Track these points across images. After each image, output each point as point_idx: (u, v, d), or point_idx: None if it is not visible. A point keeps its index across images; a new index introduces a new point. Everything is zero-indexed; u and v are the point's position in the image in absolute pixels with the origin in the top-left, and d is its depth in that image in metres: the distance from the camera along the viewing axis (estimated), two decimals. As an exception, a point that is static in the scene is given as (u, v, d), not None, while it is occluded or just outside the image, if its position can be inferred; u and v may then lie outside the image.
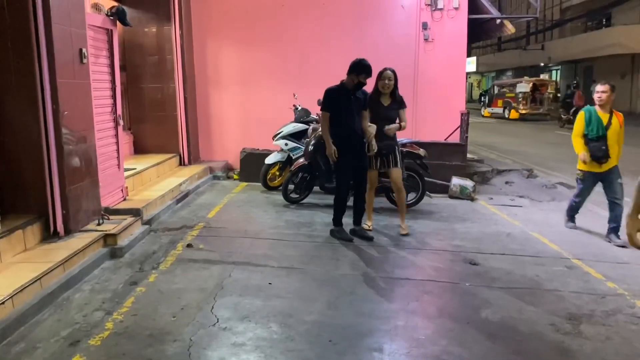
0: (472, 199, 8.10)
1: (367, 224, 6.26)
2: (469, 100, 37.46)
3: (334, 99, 5.81)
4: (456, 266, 5.21)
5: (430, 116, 9.66)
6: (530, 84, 25.95)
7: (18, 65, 4.94)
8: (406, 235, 6.11)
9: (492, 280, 4.81)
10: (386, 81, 5.91)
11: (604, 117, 6.01)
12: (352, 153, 5.85)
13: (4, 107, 5.02)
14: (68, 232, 5.25)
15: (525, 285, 4.70)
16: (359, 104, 5.84)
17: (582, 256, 5.47)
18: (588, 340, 3.68)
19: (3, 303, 3.70)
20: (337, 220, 6.08)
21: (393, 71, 6.02)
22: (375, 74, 5.91)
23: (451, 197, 8.20)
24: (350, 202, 6.13)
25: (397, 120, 6.11)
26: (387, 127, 5.99)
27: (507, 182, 9.26)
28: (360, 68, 5.70)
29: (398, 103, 6.10)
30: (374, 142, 5.97)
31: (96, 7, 7.61)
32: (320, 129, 7.15)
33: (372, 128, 5.87)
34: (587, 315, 4.08)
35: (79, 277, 4.60)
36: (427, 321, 3.98)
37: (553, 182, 9.32)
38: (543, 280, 4.80)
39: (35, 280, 4.12)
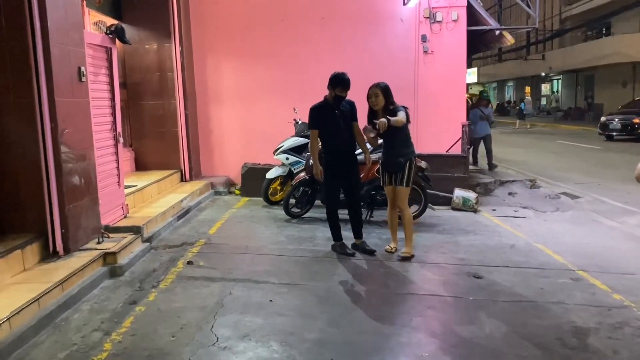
0: (475, 211, 8.04)
1: (390, 245, 5.95)
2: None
3: (318, 115, 5.81)
4: (460, 280, 5.14)
5: (431, 128, 9.63)
6: None
7: (16, 84, 4.95)
8: (406, 259, 5.66)
9: (496, 293, 4.74)
10: (372, 98, 5.63)
11: None
12: (342, 167, 5.83)
13: (3, 126, 5.02)
14: (67, 251, 5.20)
15: (530, 298, 4.62)
16: (345, 117, 5.78)
17: (588, 268, 5.39)
18: (595, 355, 3.61)
19: (0, 325, 3.65)
20: (335, 235, 6.03)
21: (381, 86, 5.59)
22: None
23: (454, 209, 8.15)
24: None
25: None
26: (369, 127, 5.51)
27: (510, 193, 9.19)
28: (335, 81, 5.69)
29: (392, 113, 5.46)
30: (368, 154, 5.98)
31: (98, 25, 7.68)
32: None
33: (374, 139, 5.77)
34: (593, 329, 4.01)
35: (77, 297, 4.55)
36: (430, 337, 3.91)
37: (557, 193, 9.25)
38: (548, 293, 4.73)
39: (34, 301, 4.08)
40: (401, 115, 5.43)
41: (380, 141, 5.91)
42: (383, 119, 5.29)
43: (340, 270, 5.39)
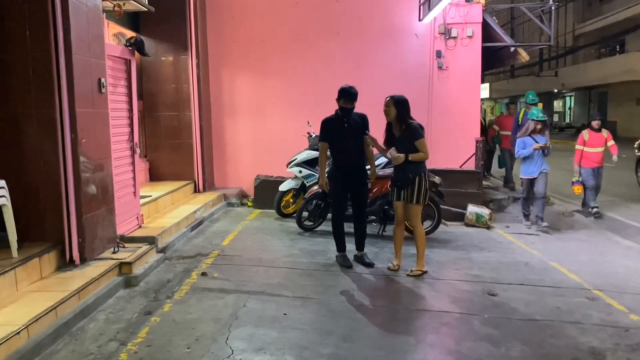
0: (489, 227, 8.00)
1: (393, 262, 5.88)
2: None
3: (328, 127, 5.88)
4: (474, 297, 5.11)
5: (445, 143, 9.62)
6: None
7: (38, 95, 5.04)
8: (417, 275, 5.60)
9: (511, 311, 4.71)
10: (385, 109, 5.63)
11: None
12: (349, 179, 5.88)
13: (24, 136, 5.10)
14: (83, 260, 5.25)
15: (545, 317, 4.59)
16: (354, 130, 5.80)
17: (603, 287, 5.34)
18: (613, 377, 3.57)
19: (18, 333, 3.69)
20: (338, 246, 6.09)
21: (394, 98, 5.56)
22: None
23: (467, 225, 8.12)
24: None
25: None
26: (388, 155, 5.59)
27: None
28: (339, 93, 5.77)
29: (409, 134, 5.52)
30: (374, 169, 6.04)
31: (117, 37, 7.79)
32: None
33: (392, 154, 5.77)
34: (611, 350, 3.97)
35: (93, 307, 4.59)
36: (445, 355, 3.90)
37: (570, 210, 9.19)
38: (564, 312, 4.69)
39: (51, 310, 4.11)
40: (421, 150, 5.53)
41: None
42: (401, 155, 5.48)
43: (354, 285, 5.39)
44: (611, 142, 8.71)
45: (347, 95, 5.73)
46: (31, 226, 5.13)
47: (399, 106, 5.56)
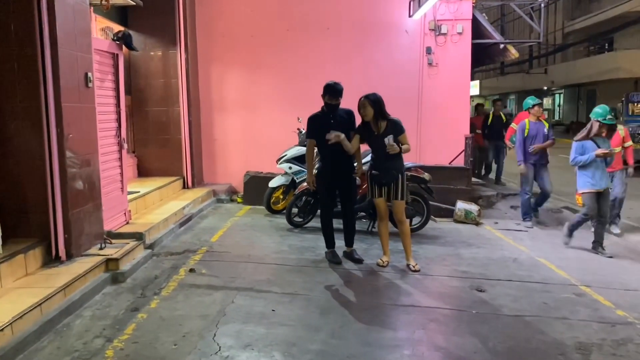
0: (477, 224, 8.03)
1: (382, 259, 5.86)
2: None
3: (314, 124, 5.83)
4: (462, 293, 5.12)
5: (435, 140, 9.64)
6: None
7: (24, 89, 4.97)
8: (417, 271, 5.65)
9: (499, 307, 4.72)
10: (361, 110, 5.60)
11: None
12: (336, 176, 5.85)
13: (9, 130, 5.03)
14: (70, 256, 5.19)
15: (533, 313, 4.61)
16: (341, 126, 5.72)
17: (591, 283, 5.38)
18: (599, 372, 3.59)
19: (2, 330, 3.64)
20: (327, 243, 6.09)
21: (369, 98, 5.53)
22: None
23: (456, 221, 8.14)
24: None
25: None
26: (387, 141, 5.45)
27: (512, 207, 9.18)
28: (324, 89, 5.73)
29: (393, 128, 5.54)
30: (360, 165, 5.95)
31: (105, 32, 7.71)
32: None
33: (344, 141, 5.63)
34: (597, 345, 3.99)
35: (79, 303, 4.54)
36: (433, 350, 3.90)
37: (559, 207, 9.25)
38: (551, 308, 4.72)
39: (36, 307, 4.07)
40: (405, 142, 5.58)
41: (368, 156, 5.95)
42: (395, 145, 5.45)
43: (342, 281, 5.38)
44: (629, 143, 7.31)
45: (332, 91, 5.68)
46: (16, 222, 5.07)
47: (376, 105, 5.55)
